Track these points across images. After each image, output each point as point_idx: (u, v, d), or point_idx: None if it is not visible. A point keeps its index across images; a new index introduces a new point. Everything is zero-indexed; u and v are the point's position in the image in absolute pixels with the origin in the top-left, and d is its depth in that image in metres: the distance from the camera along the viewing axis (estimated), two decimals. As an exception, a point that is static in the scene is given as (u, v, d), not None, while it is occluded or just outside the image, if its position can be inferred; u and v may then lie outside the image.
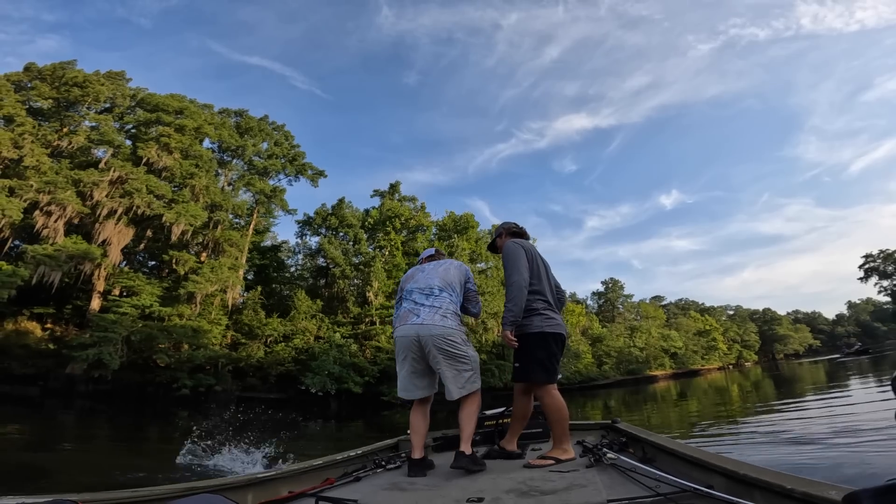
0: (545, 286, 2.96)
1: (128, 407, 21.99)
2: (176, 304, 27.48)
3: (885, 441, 5.75)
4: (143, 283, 26.45)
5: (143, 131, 26.00)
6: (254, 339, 30.88)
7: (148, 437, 13.14)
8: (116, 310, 24.17)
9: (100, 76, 25.70)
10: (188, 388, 25.70)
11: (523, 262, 2.86)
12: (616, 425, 3.60)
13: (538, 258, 3.04)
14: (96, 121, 25.14)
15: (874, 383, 15.49)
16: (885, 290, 58.89)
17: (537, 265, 2.98)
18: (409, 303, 2.94)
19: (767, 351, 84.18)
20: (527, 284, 2.81)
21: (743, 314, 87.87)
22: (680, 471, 2.08)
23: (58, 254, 21.34)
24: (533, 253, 3.01)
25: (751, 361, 74.80)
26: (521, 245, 2.99)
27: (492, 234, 3.19)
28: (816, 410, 10.50)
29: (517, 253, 2.91)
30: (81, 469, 7.14)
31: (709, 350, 63.95)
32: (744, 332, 78.39)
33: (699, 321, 68.66)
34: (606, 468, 2.36)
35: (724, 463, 1.83)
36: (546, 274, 3.04)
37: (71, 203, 22.21)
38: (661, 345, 54.10)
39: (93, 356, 21.78)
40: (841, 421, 8.01)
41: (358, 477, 2.73)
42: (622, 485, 2.02)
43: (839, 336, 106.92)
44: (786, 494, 1.37)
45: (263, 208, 35.21)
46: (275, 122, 35.43)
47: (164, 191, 24.98)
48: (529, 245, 3.07)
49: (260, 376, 29.51)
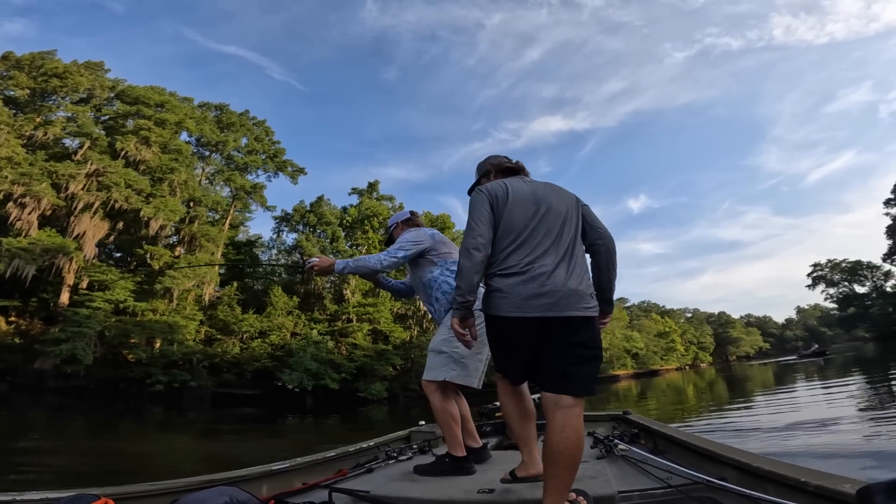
0: (534, 247, 1.80)
1: (100, 403, 21.77)
2: (150, 298, 27.18)
3: (825, 434, 6.43)
4: (117, 278, 26.05)
5: (120, 123, 25.52)
6: (229, 335, 30.77)
7: (120, 432, 12.91)
8: (90, 304, 23.76)
9: (79, 67, 25.08)
10: (162, 383, 25.53)
11: (484, 216, 1.83)
12: (627, 416, 3.58)
13: (526, 197, 1.90)
14: (73, 112, 24.54)
15: (818, 384, 16.16)
16: (832, 297, 62.13)
17: (511, 209, 1.86)
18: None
19: (721, 352, 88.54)
20: (481, 247, 1.76)
21: (700, 317, 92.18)
22: (692, 463, 2.08)
23: (32, 247, 20.90)
24: (505, 192, 1.88)
25: (706, 363, 78.48)
26: (491, 190, 1.89)
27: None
28: (763, 407, 11.57)
29: (477, 203, 1.88)
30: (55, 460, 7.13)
31: (668, 351, 67.13)
32: (700, 334, 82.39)
33: (660, 323, 71.84)
34: (617, 460, 2.37)
35: (737, 455, 1.81)
36: (542, 222, 1.84)
37: (46, 196, 21.75)
38: (624, 345, 56.42)
39: (66, 352, 21.46)
40: (787, 417, 8.53)
41: (370, 468, 2.75)
42: (633, 476, 2.01)
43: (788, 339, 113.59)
44: (799, 488, 1.36)
45: (241, 203, 34.98)
46: (255, 117, 35.18)
47: (142, 185, 24.69)
48: (517, 185, 1.93)
49: (236, 372, 29.48)
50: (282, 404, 24.91)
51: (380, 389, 28.56)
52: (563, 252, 1.78)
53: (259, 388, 28.80)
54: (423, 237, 2.71)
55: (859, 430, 6.18)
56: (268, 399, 26.87)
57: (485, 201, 1.86)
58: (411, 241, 2.69)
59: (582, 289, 1.73)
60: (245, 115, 34.41)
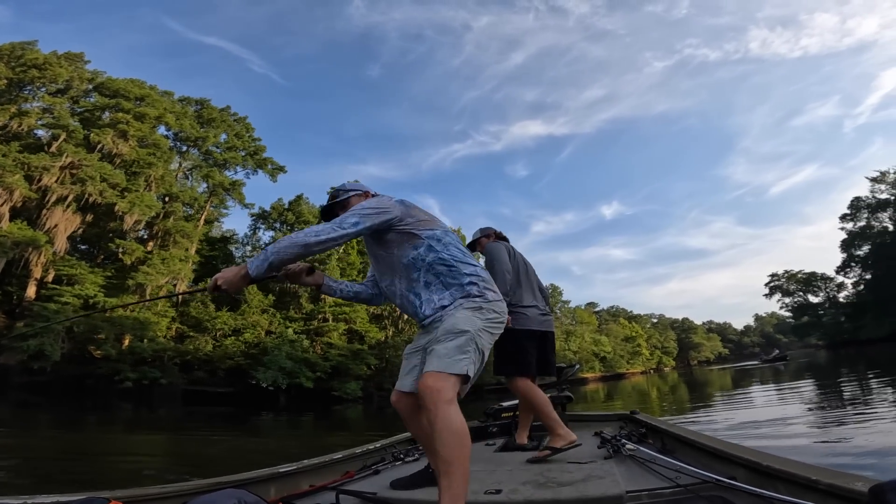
0: (522, 285, 3.17)
1: (66, 400, 21.35)
2: (121, 294, 26.71)
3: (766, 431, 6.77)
4: (86, 272, 25.51)
5: (96, 116, 25.03)
6: (202, 332, 30.45)
7: (86, 429, 12.52)
8: (58, 299, 23.26)
9: (59, 58, 24.44)
10: (132, 380, 25.16)
11: (505, 258, 3.11)
12: (635, 416, 3.59)
13: (519, 258, 3.29)
14: (50, 103, 23.95)
15: (772, 387, 17.30)
16: (787, 306, 64.67)
17: (517, 264, 3.22)
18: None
19: (684, 357, 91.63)
20: (509, 272, 3.05)
21: (665, 322, 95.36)
22: (701, 462, 2.07)
23: (3, 239, 20.37)
24: (512, 253, 3.25)
25: (669, 367, 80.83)
26: (505, 246, 3.25)
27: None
28: (721, 408, 12.36)
29: (500, 251, 3.15)
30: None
31: (634, 355, 69.37)
32: (665, 339, 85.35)
33: (627, 328, 74.13)
34: (625, 459, 2.36)
35: (746, 454, 1.79)
36: (525, 274, 3.24)
37: (19, 187, 21.22)
38: (593, 349, 58.14)
39: (34, 347, 20.99)
40: (740, 417, 8.86)
41: (377, 470, 2.77)
42: (641, 476, 2.00)
43: (745, 346, 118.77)
44: (811, 486, 1.35)
45: (217, 199, 34.63)
46: (236, 113, 34.89)
47: (118, 179, 24.30)
48: (511, 247, 3.32)
49: (208, 370, 29.22)
50: (255, 402, 24.84)
51: (355, 389, 28.86)
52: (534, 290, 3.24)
53: (231, 385, 28.62)
54: (388, 203, 1.89)
55: (811, 430, 6.40)
56: (240, 397, 26.76)
57: (504, 251, 3.16)
58: (372, 207, 1.84)
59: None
60: (226, 110, 34.12)
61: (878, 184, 47.68)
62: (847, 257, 52.39)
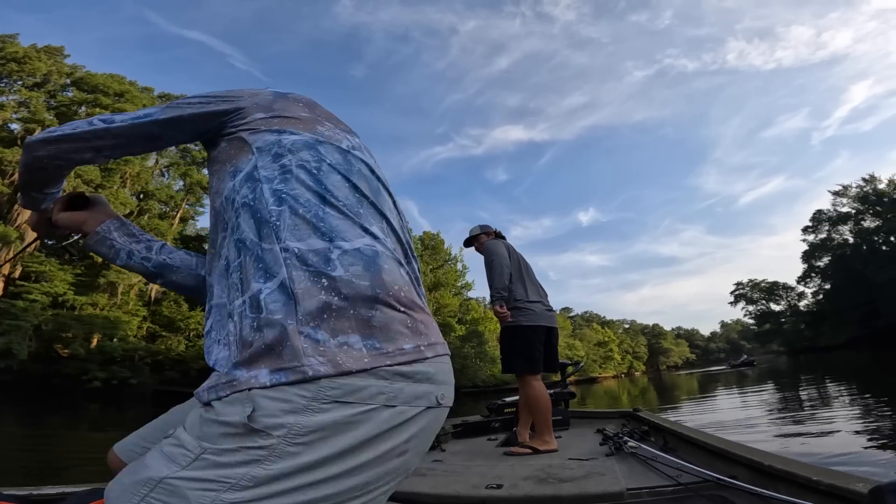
0: (525, 281, 3.19)
1: (31, 399, 20.82)
2: (91, 292, 26.13)
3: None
4: (56, 269, 24.90)
5: (72, 111, 24.47)
6: (175, 332, 30.00)
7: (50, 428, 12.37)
8: (26, 296, 22.66)
9: (39, 51, 23.78)
10: (100, 380, 24.63)
11: (504, 254, 3.15)
12: (637, 414, 3.57)
13: (518, 256, 3.31)
14: (27, 97, 23.30)
15: (736, 391, 18.11)
16: (751, 313, 67.29)
17: (516, 261, 3.24)
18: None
19: (654, 362, 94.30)
20: (508, 266, 3.11)
21: (636, 328, 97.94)
22: (702, 460, 2.07)
23: (-29, 235, 19.80)
24: (511, 250, 3.28)
25: (639, 371, 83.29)
26: (503, 244, 3.30)
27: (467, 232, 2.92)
28: (688, 410, 12.92)
29: (499, 248, 3.19)
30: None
31: (606, 360, 71.05)
32: (636, 344, 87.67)
33: (600, 333, 75.83)
34: (626, 457, 2.36)
35: (748, 453, 1.79)
36: (526, 270, 3.27)
37: (-11, 182, 20.64)
38: (567, 353, 59.33)
39: (1, 346, 20.42)
40: (707, 418, 9.11)
41: None
42: (642, 474, 2.00)
43: (712, 351, 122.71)
44: (811, 487, 1.35)
45: (194, 198, 34.13)
46: (216, 111, 34.28)
47: (92, 175, 23.84)
48: (509, 244, 3.36)
49: (181, 370, 28.82)
50: (229, 403, 24.60)
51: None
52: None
53: (204, 386, 28.22)
54: (235, 92, 0.83)
55: (770, 429, 6.48)
56: (213, 398, 26.43)
57: (502, 247, 3.23)
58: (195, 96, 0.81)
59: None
60: (206, 108, 33.47)
61: (839, 197, 49.86)
62: (808, 268, 54.73)
